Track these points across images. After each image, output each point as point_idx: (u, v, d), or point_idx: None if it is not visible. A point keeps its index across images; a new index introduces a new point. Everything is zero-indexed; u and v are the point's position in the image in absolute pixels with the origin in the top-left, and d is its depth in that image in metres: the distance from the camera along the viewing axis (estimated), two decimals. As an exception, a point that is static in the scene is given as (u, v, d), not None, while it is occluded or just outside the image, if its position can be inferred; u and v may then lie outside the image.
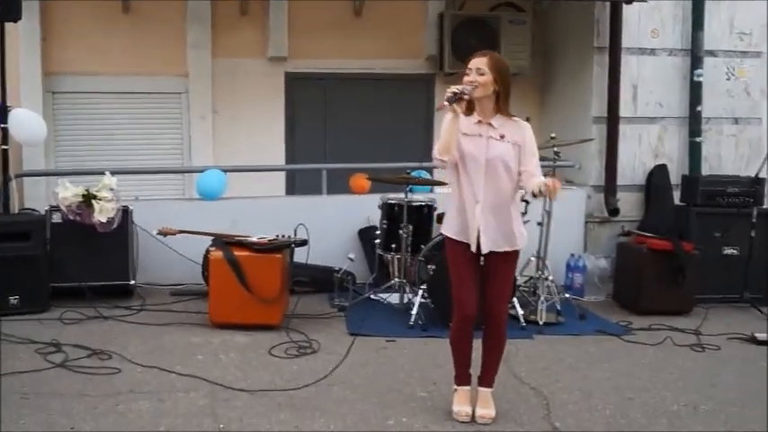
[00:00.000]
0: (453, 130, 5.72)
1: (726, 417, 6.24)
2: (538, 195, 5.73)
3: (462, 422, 5.93)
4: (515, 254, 5.94)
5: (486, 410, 5.99)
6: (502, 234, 5.82)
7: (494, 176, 5.76)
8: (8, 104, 9.15)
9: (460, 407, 6.02)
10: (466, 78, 5.77)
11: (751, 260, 9.63)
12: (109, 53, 11.41)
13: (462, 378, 6.11)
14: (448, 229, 5.98)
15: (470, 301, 5.86)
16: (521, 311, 8.47)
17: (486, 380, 6.10)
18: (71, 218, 8.81)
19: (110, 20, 11.37)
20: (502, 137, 5.77)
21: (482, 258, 5.87)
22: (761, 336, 8.26)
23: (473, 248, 5.81)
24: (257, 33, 11.84)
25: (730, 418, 6.22)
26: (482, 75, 5.71)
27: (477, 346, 6.08)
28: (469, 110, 5.84)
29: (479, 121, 5.82)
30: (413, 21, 12.11)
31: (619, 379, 7.04)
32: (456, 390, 6.12)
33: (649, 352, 7.87)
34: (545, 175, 6.00)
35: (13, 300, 8.48)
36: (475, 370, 6.12)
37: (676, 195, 10.73)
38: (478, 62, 5.74)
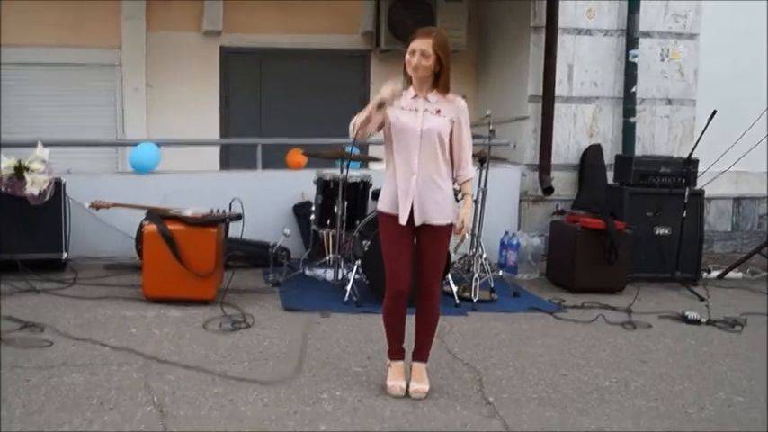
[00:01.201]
0: (373, 119, 5.73)
1: (656, 392, 6.31)
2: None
3: (396, 396, 5.94)
4: (449, 228, 5.91)
5: (420, 385, 5.99)
6: (437, 206, 5.81)
7: (429, 148, 5.77)
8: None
9: (394, 381, 6.02)
10: (408, 58, 5.75)
11: (682, 240, 9.73)
12: (41, 24, 11.23)
13: (395, 353, 6.12)
14: (382, 203, 5.96)
15: (404, 275, 5.87)
16: (455, 288, 8.50)
17: (420, 354, 6.11)
18: (2, 190, 8.70)
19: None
20: (438, 111, 5.79)
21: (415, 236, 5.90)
22: (691, 314, 8.37)
23: (403, 221, 5.80)
24: (192, 6, 11.73)
25: (660, 393, 6.29)
26: (427, 57, 5.69)
27: (411, 321, 6.09)
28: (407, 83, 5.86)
29: (415, 96, 5.83)
30: (350, -4, 12.09)
31: (552, 355, 7.09)
32: (390, 365, 6.13)
33: (582, 329, 7.94)
34: (479, 154, 6.03)
35: (-56, 272, 8.36)
36: (409, 345, 6.14)
37: (610, 175, 10.85)
38: (424, 44, 5.67)
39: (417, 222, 5.81)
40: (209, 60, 11.99)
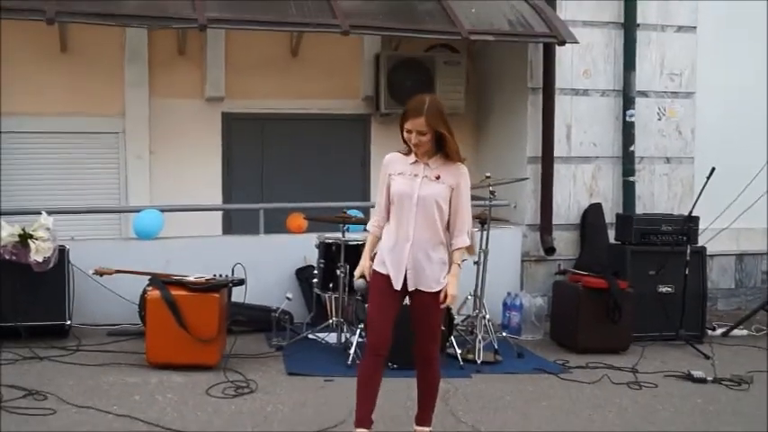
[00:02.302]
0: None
1: (663, 453, 6.31)
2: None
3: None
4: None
5: (424, 451, 5.98)
6: (432, 274, 5.80)
7: (425, 215, 5.76)
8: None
9: None
10: (407, 136, 5.74)
11: (686, 298, 9.72)
12: (45, 93, 11.29)
13: (362, 419, 5.93)
14: (377, 264, 5.95)
15: (383, 333, 5.80)
16: (458, 350, 8.49)
17: (424, 419, 6.10)
18: (7, 258, 8.71)
19: (48, 58, 11.26)
20: (437, 177, 5.78)
21: (407, 297, 5.88)
22: (697, 373, 8.34)
23: (397, 286, 5.79)
24: (195, 73, 11.80)
25: (667, 454, 6.29)
26: (423, 135, 5.68)
27: (413, 385, 6.09)
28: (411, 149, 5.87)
29: (416, 162, 5.84)
30: (349, 61, 12.14)
31: (557, 417, 7.07)
32: None
33: (587, 390, 7.92)
34: (479, 215, 6.04)
35: (-52, 340, 8.35)
36: (412, 409, 6.12)
37: (611, 234, 10.87)
38: (417, 124, 5.65)
39: (411, 288, 5.81)
40: (211, 126, 12.01)
